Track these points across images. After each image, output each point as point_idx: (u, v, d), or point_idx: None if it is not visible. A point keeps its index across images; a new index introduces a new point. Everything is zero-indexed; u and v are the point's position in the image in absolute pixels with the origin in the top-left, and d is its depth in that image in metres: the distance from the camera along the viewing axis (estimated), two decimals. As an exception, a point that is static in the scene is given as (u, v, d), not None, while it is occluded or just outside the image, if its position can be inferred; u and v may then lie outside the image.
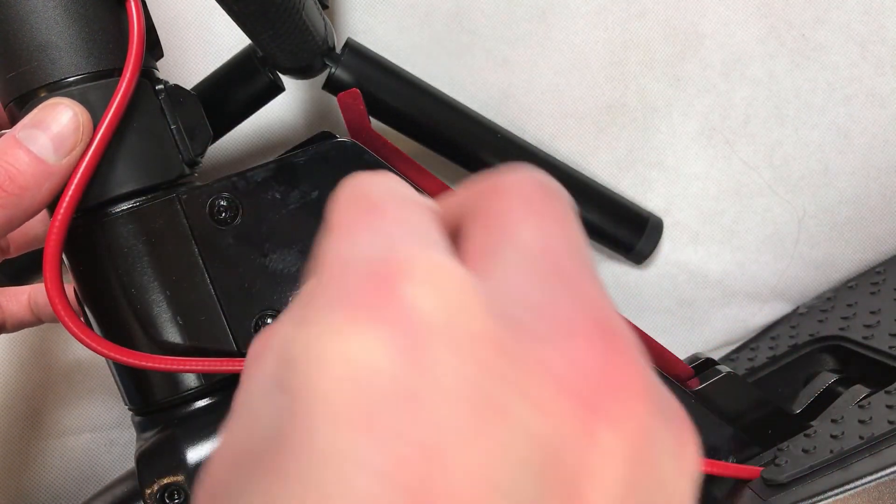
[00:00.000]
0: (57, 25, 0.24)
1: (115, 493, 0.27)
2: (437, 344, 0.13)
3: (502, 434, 0.13)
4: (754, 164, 0.39)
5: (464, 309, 0.13)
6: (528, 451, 0.13)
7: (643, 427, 0.14)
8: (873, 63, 0.37)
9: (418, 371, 0.13)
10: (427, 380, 0.13)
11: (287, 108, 0.40)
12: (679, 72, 0.39)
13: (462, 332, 0.13)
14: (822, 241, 0.40)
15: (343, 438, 0.12)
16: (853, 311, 0.36)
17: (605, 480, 0.13)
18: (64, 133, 0.23)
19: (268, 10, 0.27)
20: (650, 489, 0.14)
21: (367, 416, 0.12)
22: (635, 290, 0.41)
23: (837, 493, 0.25)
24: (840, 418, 0.29)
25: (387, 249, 0.14)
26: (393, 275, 0.13)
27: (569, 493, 0.13)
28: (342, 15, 0.39)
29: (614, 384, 0.14)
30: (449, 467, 0.12)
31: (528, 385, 0.13)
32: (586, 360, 0.14)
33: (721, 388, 0.31)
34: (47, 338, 0.40)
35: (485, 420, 0.13)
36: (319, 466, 0.12)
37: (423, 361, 0.13)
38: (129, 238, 0.25)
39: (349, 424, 0.12)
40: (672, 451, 0.15)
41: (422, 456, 0.12)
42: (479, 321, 0.13)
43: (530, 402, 0.13)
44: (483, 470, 0.12)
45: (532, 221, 0.16)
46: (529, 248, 0.15)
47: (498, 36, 0.39)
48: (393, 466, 0.12)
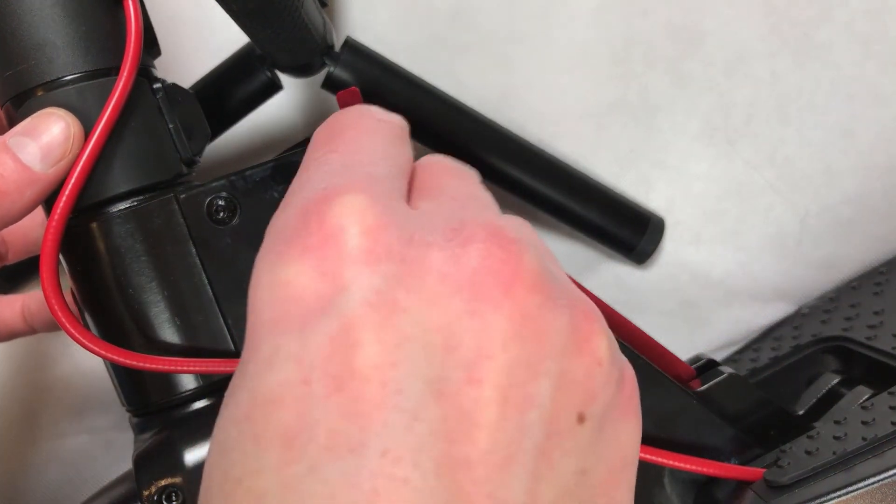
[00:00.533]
0: (54, 24, 0.24)
1: (113, 494, 0.27)
2: (350, 261, 0.16)
3: (399, 325, 0.16)
4: (756, 164, 0.39)
5: (376, 232, 0.17)
6: (423, 337, 0.16)
7: (525, 308, 0.16)
8: (876, 62, 0.37)
9: (334, 285, 0.16)
10: (340, 290, 0.16)
11: (286, 107, 0.40)
12: (681, 70, 0.39)
13: (372, 250, 0.17)
14: (825, 241, 0.39)
15: (275, 342, 0.16)
16: (856, 312, 0.36)
17: (495, 354, 0.16)
18: (53, 143, 0.23)
19: (266, 8, 0.27)
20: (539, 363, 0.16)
21: (296, 323, 0.16)
22: (637, 291, 0.41)
23: (840, 494, 0.25)
24: (843, 419, 0.28)
25: (326, 184, 0.18)
26: (322, 207, 0.17)
27: (465, 367, 0.16)
28: (341, 13, 0.39)
29: (499, 275, 0.17)
30: (357, 355, 0.16)
31: (420, 284, 0.16)
32: (472, 259, 0.17)
33: (723, 389, 0.30)
34: (45, 339, 0.40)
35: (385, 316, 0.16)
36: (260, 363, 0.16)
37: (338, 277, 0.16)
38: (126, 238, 0.25)
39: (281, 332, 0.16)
40: (563, 331, 0.17)
41: (337, 348, 0.16)
42: (388, 240, 0.17)
43: (423, 298, 0.16)
44: (385, 355, 0.16)
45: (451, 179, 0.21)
46: (448, 193, 0.20)
47: (498, 34, 0.39)
48: (314, 357, 0.16)
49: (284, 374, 0.16)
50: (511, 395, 0.16)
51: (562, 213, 0.38)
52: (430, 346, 0.16)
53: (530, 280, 0.17)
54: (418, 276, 0.16)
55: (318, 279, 0.16)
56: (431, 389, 0.16)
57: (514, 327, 0.16)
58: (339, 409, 0.15)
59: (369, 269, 0.16)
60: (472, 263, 0.17)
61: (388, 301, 0.16)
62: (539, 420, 0.16)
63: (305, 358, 0.16)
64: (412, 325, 0.16)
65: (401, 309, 0.16)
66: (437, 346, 0.16)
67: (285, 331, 0.16)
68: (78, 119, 0.24)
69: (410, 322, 0.16)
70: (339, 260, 0.16)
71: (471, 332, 0.16)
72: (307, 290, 0.16)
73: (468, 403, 0.16)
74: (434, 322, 0.16)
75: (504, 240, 0.17)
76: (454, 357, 0.16)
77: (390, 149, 0.20)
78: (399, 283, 0.16)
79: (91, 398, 0.41)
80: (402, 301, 0.16)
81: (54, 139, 0.23)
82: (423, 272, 0.17)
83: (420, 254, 0.17)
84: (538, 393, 0.16)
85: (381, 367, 0.15)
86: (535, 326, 0.17)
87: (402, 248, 0.17)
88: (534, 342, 0.16)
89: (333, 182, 0.18)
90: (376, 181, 0.18)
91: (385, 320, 0.16)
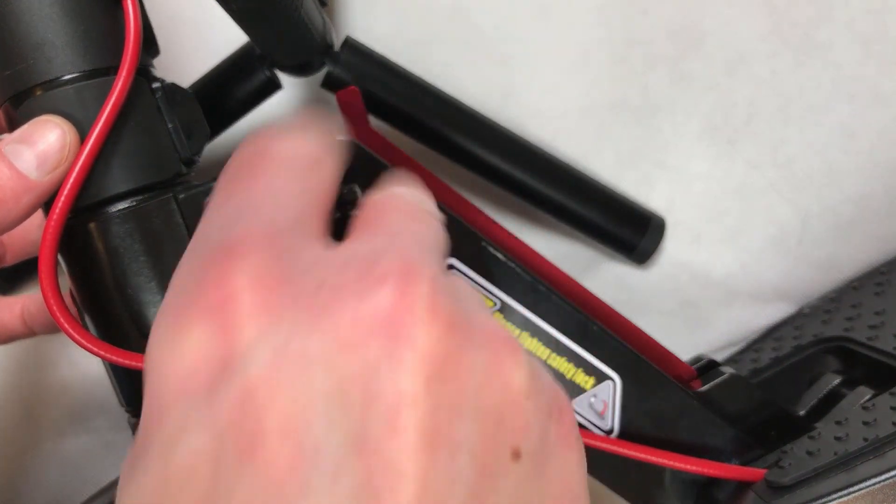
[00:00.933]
0: (53, 23, 0.24)
1: (113, 494, 0.27)
2: (249, 320, 0.16)
3: (311, 380, 0.15)
4: (757, 164, 0.39)
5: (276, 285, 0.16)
6: (339, 388, 0.15)
7: (445, 347, 0.16)
8: (877, 62, 0.37)
9: (235, 347, 0.16)
10: (243, 351, 0.15)
11: (285, 107, 0.40)
12: (681, 70, 0.39)
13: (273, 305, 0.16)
14: (826, 242, 0.39)
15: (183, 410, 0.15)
16: (857, 312, 0.36)
17: (417, 399, 0.15)
18: (49, 151, 0.23)
19: (266, 7, 0.27)
20: (462, 403, 0.16)
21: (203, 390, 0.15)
22: (637, 291, 0.41)
23: (841, 495, 0.25)
24: (844, 420, 0.28)
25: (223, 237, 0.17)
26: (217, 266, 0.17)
27: (386, 416, 0.15)
28: (341, 12, 0.39)
29: (413, 315, 0.16)
30: (267, 417, 0.15)
31: (332, 331, 0.15)
32: (384, 299, 0.16)
33: (724, 390, 0.30)
34: (45, 341, 0.40)
35: (294, 372, 0.15)
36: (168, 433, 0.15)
37: (239, 339, 0.16)
38: (125, 238, 0.25)
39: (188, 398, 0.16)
40: (483, 368, 0.16)
41: (246, 412, 0.15)
42: (291, 292, 0.16)
43: (336, 346, 0.15)
44: (297, 413, 0.15)
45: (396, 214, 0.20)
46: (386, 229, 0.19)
47: (498, 34, 0.39)
48: (223, 423, 0.15)
49: (197, 443, 0.15)
50: (437, 441, 0.15)
51: (562, 213, 0.38)
52: (347, 397, 0.15)
53: (448, 316, 0.16)
54: (329, 323, 0.16)
55: (219, 343, 0.16)
56: (352, 444, 0.15)
57: (435, 368, 0.15)
58: (253, 476, 0.14)
59: (271, 324, 0.16)
60: (384, 304, 0.16)
61: (296, 355, 0.15)
62: (470, 463, 0.15)
63: (215, 425, 0.15)
64: (326, 377, 0.15)
65: (311, 361, 0.15)
66: (355, 397, 0.15)
67: (193, 397, 0.16)
68: (75, 123, 0.24)
69: (323, 374, 0.15)
70: (237, 320, 0.16)
71: (390, 378, 0.15)
72: (209, 354, 0.16)
73: (393, 455, 0.15)
74: (349, 370, 0.15)
75: (416, 277, 0.16)
76: (375, 406, 0.15)
77: (297, 185, 0.19)
78: (308, 333, 0.16)
79: (90, 399, 0.41)
80: (312, 352, 0.15)
81: (50, 147, 0.23)
82: (334, 318, 0.16)
83: (330, 298, 0.16)
84: (465, 435, 0.15)
85: (294, 428, 0.15)
86: (455, 366, 0.16)
87: (310, 296, 0.16)
88: (454, 382, 0.16)
89: (230, 235, 0.17)
90: (277, 229, 0.17)
91: (295, 376, 0.15)
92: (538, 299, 0.28)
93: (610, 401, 0.29)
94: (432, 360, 0.16)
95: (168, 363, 0.16)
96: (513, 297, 0.28)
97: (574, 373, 0.29)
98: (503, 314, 0.28)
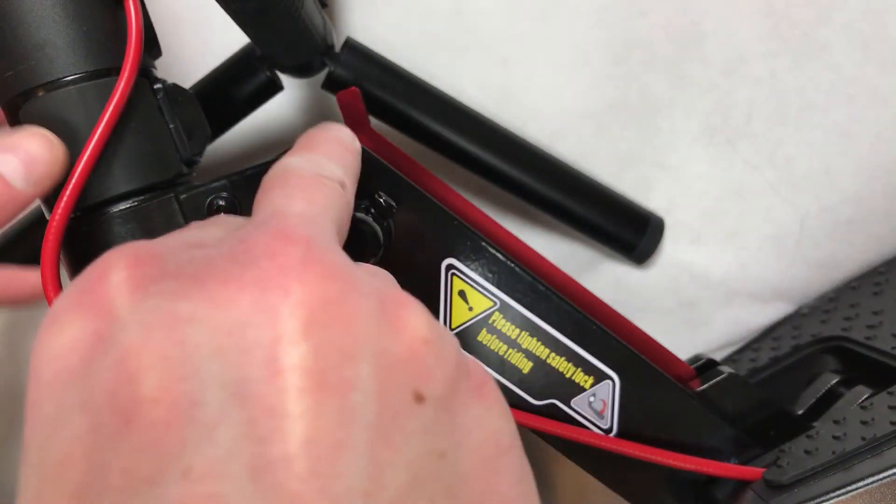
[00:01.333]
0: (55, 24, 0.24)
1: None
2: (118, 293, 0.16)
3: (184, 338, 0.15)
4: (756, 164, 0.39)
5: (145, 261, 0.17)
6: (214, 343, 0.15)
7: (325, 293, 0.16)
8: (876, 62, 0.37)
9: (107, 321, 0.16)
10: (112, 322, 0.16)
11: (286, 107, 0.40)
12: (681, 71, 0.39)
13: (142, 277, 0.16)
14: (825, 242, 0.39)
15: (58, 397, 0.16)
16: (855, 312, 0.36)
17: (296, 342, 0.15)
18: (37, 162, 0.23)
19: (267, 8, 0.27)
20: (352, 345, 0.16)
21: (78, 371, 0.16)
22: (636, 291, 0.41)
23: (839, 494, 0.25)
24: (842, 419, 0.28)
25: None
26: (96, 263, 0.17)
27: (264, 362, 0.15)
28: (342, 13, 0.39)
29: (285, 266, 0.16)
30: (141, 381, 0.15)
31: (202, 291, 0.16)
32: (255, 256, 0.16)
33: (723, 389, 0.30)
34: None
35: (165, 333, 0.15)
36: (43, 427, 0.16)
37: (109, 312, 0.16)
38: (126, 237, 0.25)
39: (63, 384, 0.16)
40: (373, 314, 0.17)
41: (120, 381, 0.15)
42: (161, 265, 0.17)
43: (207, 304, 0.16)
44: (172, 372, 0.15)
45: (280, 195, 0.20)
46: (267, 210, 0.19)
47: (498, 34, 0.39)
48: (98, 398, 0.15)
49: (71, 429, 0.15)
50: (325, 382, 0.15)
51: (562, 213, 0.38)
52: (222, 349, 0.15)
53: (323, 267, 0.16)
54: (200, 284, 0.16)
55: (92, 321, 0.16)
56: (232, 393, 0.15)
57: (312, 312, 0.16)
58: (131, 444, 0.14)
59: (140, 292, 0.16)
60: (255, 260, 0.16)
61: (166, 317, 0.15)
62: (365, 401, 0.15)
63: (91, 403, 0.15)
64: (199, 333, 0.15)
65: (183, 321, 0.15)
66: (230, 349, 0.15)
67: (68, 382, 0.16)
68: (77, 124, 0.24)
69: (197, 331, 0.15)
70: (107, 296, 0.16)
71: (264, 326, 0.15)
72: (83, 334, 0.16)
73: (274, 398, 0.15)
74: (223, 324, 0.15)
75: (290, 234, 0.17)
76: (252, 354, 0.15)
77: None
78: (178, 295, 0.16)
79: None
80: (183, 312, 0.15)
81: (38, 158, 0.23)
82: (204, 280, 0.16)
83: (201, 268, 0.16)
84: (357, 375, 0.16)
85: (169, 386, 0.15)
86: (339, 311, 0.16)
87: (180, 267, 0.17)
88: (340, 326, 0.16)
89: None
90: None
91: (166, 337, 0.15)
92: (538, 299, 0.28)
93: (609, 400, 0.29)
94: (308, 304, 0.16)
95: (45, 351, 0.16)
96: (512, 297, 0.28)
97: (573, 372, 0.29)
98: (502, 313, 0.28)
